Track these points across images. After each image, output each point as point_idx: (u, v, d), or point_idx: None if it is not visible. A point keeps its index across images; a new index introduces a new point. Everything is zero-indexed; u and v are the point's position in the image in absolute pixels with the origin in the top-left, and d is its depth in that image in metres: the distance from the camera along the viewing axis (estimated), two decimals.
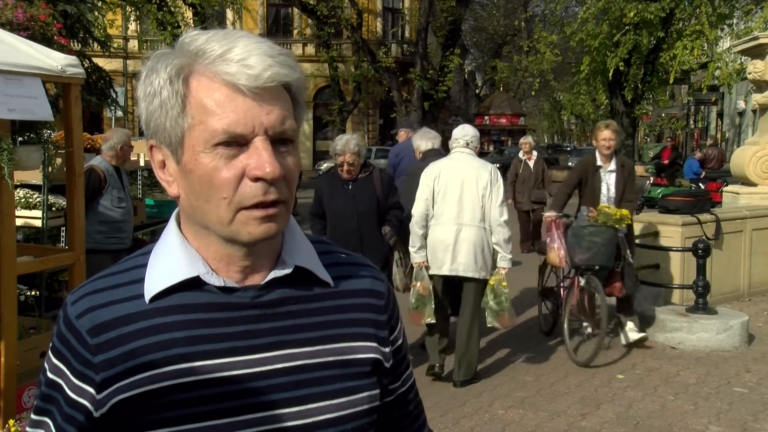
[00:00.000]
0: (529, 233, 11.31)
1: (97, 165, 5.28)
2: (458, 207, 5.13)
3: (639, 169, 27.10)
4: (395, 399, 1.11)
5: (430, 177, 5.22)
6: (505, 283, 5.21)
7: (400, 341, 1.11)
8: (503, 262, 5.20)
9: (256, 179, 0.89)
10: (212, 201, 0.91)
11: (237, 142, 0.89)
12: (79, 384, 0.93)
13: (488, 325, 5.33)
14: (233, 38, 0.91)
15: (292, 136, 0.93)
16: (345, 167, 5.13)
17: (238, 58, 0.88)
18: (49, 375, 0.97)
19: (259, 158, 0.89)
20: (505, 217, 5.15)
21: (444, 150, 6.37)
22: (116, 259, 1.16)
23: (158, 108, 0.92)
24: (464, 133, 5.36)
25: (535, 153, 11.40)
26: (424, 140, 6.38)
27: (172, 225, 1.00)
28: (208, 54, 0.90)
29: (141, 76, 0.94)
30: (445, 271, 5.18)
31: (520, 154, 11.51)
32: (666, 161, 20.39)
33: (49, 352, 0.98)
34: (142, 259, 0.99)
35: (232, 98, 0.89)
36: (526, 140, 11.66)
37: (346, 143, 5.10)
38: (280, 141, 0.92)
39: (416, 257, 5.26)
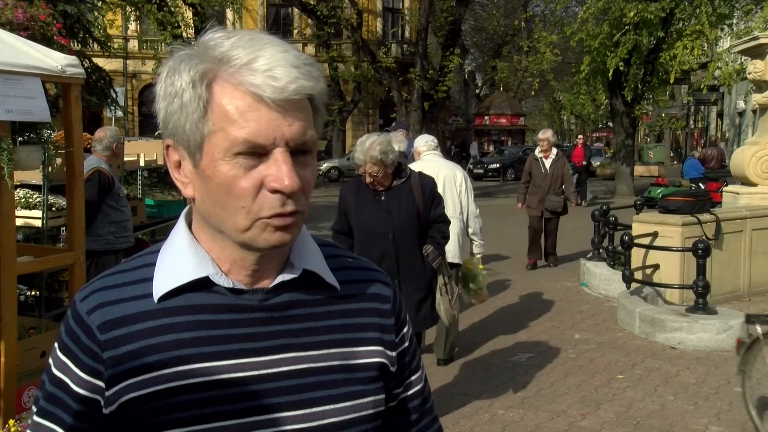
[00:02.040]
0: (537, 243, 9.82)
1: (101, 167, 5.28)
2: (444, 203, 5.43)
3: (639, 169, 27.22)
4: (398, 405, 1.10)
5: None
6: (481, 266, 5.76)
7: (404, 345, 1.10)
8: (478, 248, 5.90)
9: (275, 191, 0.89)
10: (229, 209, 0.91)
11: (257, 152, 0.89)
12: (88, 378, 0.93)
13: (465, 302, 5.81)
14: (259, 45, 0.90)
15: (311, 147, 0.93)
16: (367, 179, 4.19)
17: (264, 69, 0.88)
18: (54, 371, 0.96)
19: (279, 170, 0.89)
20: (478, 209, 5.80)
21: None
22: (120, 257, 1.16)
23: (178, 110, 0.91)
24: (428, 139, 5.90)
25: (554, 151, 9.62)
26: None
27: (181, 224, 1.00)
28: (234, 61, 0.89)
29: (161, 75, 0.93)
30: None
31: (537, 152, 9.80)
32: (582, 161, 19.06)
33: (56, 349, 0.97)
34: (150, 258, 0.99)
35: (256, 108, 0.88)
36: (545, 135, 9.76)
37: (368, 151, 4.07)
38: (299, 151, 0.92)
39: None
